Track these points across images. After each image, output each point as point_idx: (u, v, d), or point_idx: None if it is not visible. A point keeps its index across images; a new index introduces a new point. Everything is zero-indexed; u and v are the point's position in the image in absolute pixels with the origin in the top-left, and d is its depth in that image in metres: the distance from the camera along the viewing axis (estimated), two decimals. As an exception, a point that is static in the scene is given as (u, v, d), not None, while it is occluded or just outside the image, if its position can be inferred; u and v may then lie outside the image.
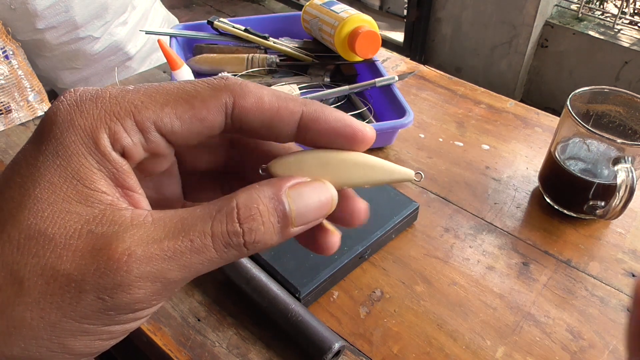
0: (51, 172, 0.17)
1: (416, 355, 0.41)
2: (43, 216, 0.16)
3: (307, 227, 0.19)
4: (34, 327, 0.16)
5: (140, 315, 0.18)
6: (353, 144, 0.20)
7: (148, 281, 0.17)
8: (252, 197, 0.18)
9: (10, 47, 1.40)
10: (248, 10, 2.63)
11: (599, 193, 0.50)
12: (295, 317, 0.40)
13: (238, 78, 0.20)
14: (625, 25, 1.73)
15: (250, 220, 0.18)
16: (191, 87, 0.19)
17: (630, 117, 0.52)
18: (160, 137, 0.18)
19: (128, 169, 0.18)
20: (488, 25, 1.86)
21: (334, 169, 0.20)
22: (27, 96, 1.43)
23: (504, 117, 0.68)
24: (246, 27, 0.75)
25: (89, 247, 0.16)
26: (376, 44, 0.67)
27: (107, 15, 1.57)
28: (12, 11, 1.42)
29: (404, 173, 0.21)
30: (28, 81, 1.43)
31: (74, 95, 0.18)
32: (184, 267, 0.17)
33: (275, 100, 0.19)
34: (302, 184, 0.19)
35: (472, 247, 0.50)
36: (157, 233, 0.17)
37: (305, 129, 0.20)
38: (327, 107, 0.20)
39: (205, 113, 0.19)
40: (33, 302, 0.16)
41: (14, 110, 1.39)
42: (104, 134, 0.17)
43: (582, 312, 0.44)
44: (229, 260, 0.18)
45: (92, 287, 0.16)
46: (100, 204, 0.17)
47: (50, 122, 0.17)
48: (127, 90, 0.18)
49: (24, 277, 0.16)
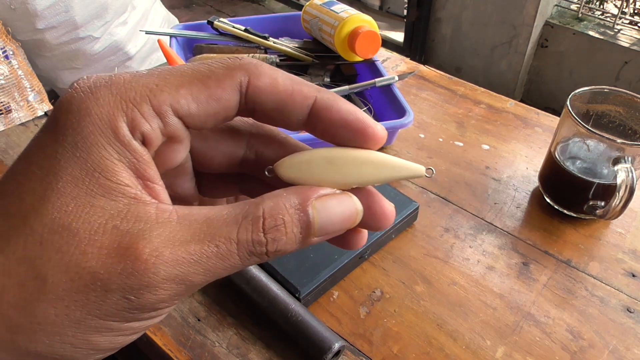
0: (72, 165, 0.16)
1: (416, 355, 0.41)
2: (67, 210, 0.16)
3: (327, 238, 0.19)
4: (58, 324, 0.16)
5: (162, 313, 0.18)
6: (363, 140, 0.20)
7: (174, 283, 0.17)
8: (279, 205, 0.18)
9: (10, 47, 1.40)
10: (248, 10, 2.63)
11: (599, 193, 0.50)
12: (295, 317, 0.40)
13: (252, 58, 0.19)
14: (625, 25, 1.73)
15: (274, 231, 0.18)
16: (205, 67, 0.18)
17: (630, 117, 0.52)
18: (178, 120, 0.18)
19: (149, 159, 0.18)
20: (488, 25, 1.86)
21: (342, 167, 0.19)
22: (27, 96, 1.43)
23: (504, 117, 0.68)
24: (246, 27, 0.75)
25: (115, 245, 0.16)
26: (376, 44, 0.67)
27: (107, 15, 1.57)
28: (12, 11, 1.42)
29: (415, 169, 0.20)
30: (28, 81, 1.44)
31: (87, 82, 0.17)
32: (208, 271, 0.17)
33: (289, 83, 0.19)
34: (329, 196, 0.19)
35: (472, 247, 0.50)
36: (183, 234, 0.17)
37: (317, 116, 0.19)
38: (342, 98, 0.20)
39: (220, 92, 0.18)
40: (57, 299, 0.16)
41: (14, 110, 1.39)
42: (122, 122, 0.17)
43: (582, 312, 0.44)
44: (248, 265, 0.18)
45: (118, 287, 0.16)
46: (124, 198, 0.17)
47: (65, 111, 0.17)
48: (141, 75, 0.18)
49: (48, 273, 0.16)
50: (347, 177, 0.19)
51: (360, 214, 0.20)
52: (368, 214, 0.20)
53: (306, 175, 0.19)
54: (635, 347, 0.42)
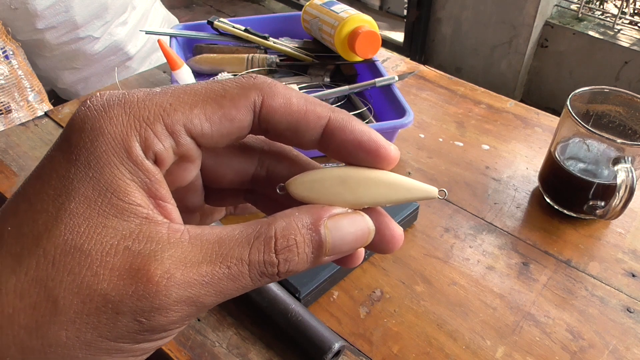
0: (85, 185, 0.16)
1: (416, 355, 0.41)
2: (79, 231, 0.16)
3: (339, 257, 0.19)
4: (70, 347, 0.16)
5: (172, 333, 0.18)
6: (375, 161, 0.20)
7: (185, 305, 0.17)
8: (291, 226, 0.18)
9: (10, 47, 1.40)
10: (248, 10, 2.63)
11: (599, 193, 0.50)
12: (295, 317, 0.40)
13: (267, 77, 0.19)
14: (625, 25, 1.73)
15: (286, 251, 0.17)
16: (219, 86, 0.18)
17: (630, 117, 0.52)
18: (191, 140, 0.18)
19: (161, 178, 0.18)
20: (488, 25, 1.86)
21: (354, 187, 0.19)
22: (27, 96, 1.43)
23: (504, 117, 0.68)
24: (246, 27, 0.75)
25: (126, 266, 0.16)
26: (376, 44, 0.67)
27: (107, 15, 1.57)
28: (12, 11, 1.42)
29: (427, 191, 0.20)
30: (28, 81, 1.44)
31: (100, 100, 0.17)
32: (219, 292, 0.17)
33: (303, 103, 0.19)
34: (341, 216, 0.19)
35: (472, 247, 0.50)
36: (194, 255, 0.17)
37: (330, 136, 0.19)
38: (355, 118, 0.20)
39: (234, 113, 0.18)
40: (69, 322, 0.16)
41: (14, 110, 1.39)
42: (135, 142, 0.17)
43: (582, 312, 0.44)
44: (259, 285, 0.18)
45: (129, 309, 0.16)
46: (135, 218, 0.17)
47: (78, 130, 0.17)
48: (155, 93, 0.18)
49: (59, 295, 0.16)
50: (360, 197, 0.19)
51: (372, 234, 0.20)
52: (377, 237, 0.20)
53: (318, 194, 0.19)
54: (635, 347, 0.42)
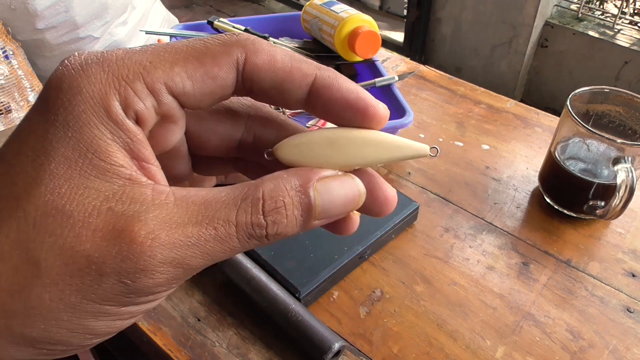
0: (64, 145, 0.16)
1: (416, 355, 0.41)
2: (60, 192, 0.16)
3: (329, 221, 0.19)
4: (54, 309, 0.16)
5: (159, 297, 0.18)
6: (364, 120, 0.19)
7: (171, 267, 0.16)
8: (279, 187, 0.17)
9: (10, 47, 1.40)
10: (248, 10, 2.63)
11: (599, 193, 0.50)
12: (295, 317, 0.40)
13: (250, 34, 0.18)
14: (625, 25, 1.73)
15: (274, 213, 0.17)
16: (201, 44, 0.18)
17: (630, 117, 0.52)
18: (172, 98, 0.17)
19: (143, 139, 0.17)
20: (488, 25, 1.86)
21: (343, 148, 0.19)
22: (27, 96, 1.43)
23: (504, 117, 0.68)
24: (246, 27, 0.75)
25: (110, 227, 0.16)
26: (376, 44, 0.67)
27: (107, 15, 1.57)
28: (12, 11, 1.42)
29: (418, 149, 0.19)
30: (28, 81, 1.44)
31: (78, 59, 0.17)
32: (206, 254, 0.17)
33: (288, 60, 0.18)
34: (331, 178, 0.18)
35: (472, 247, 0.50)
36: (180, 216, 0.16)
37: (317, 94, 0.19)
38: (343, 76, 0.19)
39: (217, 70, 0.18)
40: (51, 284, 0.15)
41: (14, 110, 1.39)
42: (114, 101, 0.16)
43: (582, 312, 0.44)
44: (248, 248, 0.18)
45: (113, 270, 0.16)
46: (118, 179, 0.16)
47: (55, 89, 0.16)
48: (134, 51, 0.17)
49: (41, 257, 0.15)
50: (349, 158, 0.19)
51: (363, 197, 0.19)
52: (370, 199, 0.19)
53: (307, 157, 0.19)
54: (635, 347, 0.42)
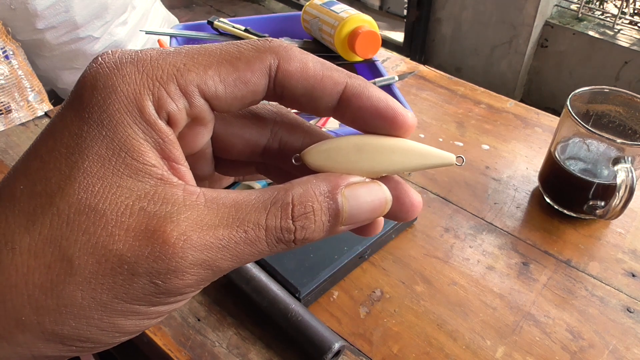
0: (98, 144, 0.16)
1: (416, 355, 0.41)
2: (94, 190, 0.16)
3: (355, 227, 0.19)
4: (85, 307, 0.16)
5: (187, 297, 0.18)
6: (393, 128, 0.19)
7: (201, 268, 0.16)
8: (308, 193, 0.17)
9: (10, 47, 1.40)
10: (248, 10, 2.63)
11: (599, 193, 0.50)
12: (295, 317, 0.40)
13: (283, 41, 0.19)
14: (625, 25, 1.73)
15: (303, 219, 0.17)
16: (234, 48, 0.18)
17: (630, 117, 0.52)
18: (204, 101, 0.17)
19: (174, 139, 0.17)
20: (488, 25, 1.86)
21: (371, 155, 0.19)
22: (27, 96, 1.43)
23: (504, 117, 0.68)
24: (246, 27, 0.75)
25: (142, 227, 0.16)
26: (376, 44, 0.67)
27: (107, 15, 1.57)
28: (12, 11, 1.42)
29: (445, 157, 0.20)
30: (28, 81, 1.44)
31: (112, 57, 0.17)
32: (236, 256, 0.17)
33: (319, 68, 0.19)
34: (359, 184, 0.18)
35: (472, 247, 0.50)
36: (211, 218, 0.16)
37: (347, 102, 0.19)
38: (372, 84, 0.19)
39: (249, 75, 0.18)
40: (84, 282, 0.16)
41: (14, 110, 1.39)
42: (148, 101, 0.16)
43: (582, 312, 0.44)
44: (276, 252, 0.18)
45: (145, 270, 0.16)
46: (150, 179, 0.16)
47: (90, 87, 0.16)
48: (169, 52, 0.17)
49: (74, 254, 0.15)
50: (377, 165, 0.19)
51: (389, 204, 0.19)
52: (397, 205, 0.20)
53: (334, 163, 0.19)
54: (635, 347, 0.42)
